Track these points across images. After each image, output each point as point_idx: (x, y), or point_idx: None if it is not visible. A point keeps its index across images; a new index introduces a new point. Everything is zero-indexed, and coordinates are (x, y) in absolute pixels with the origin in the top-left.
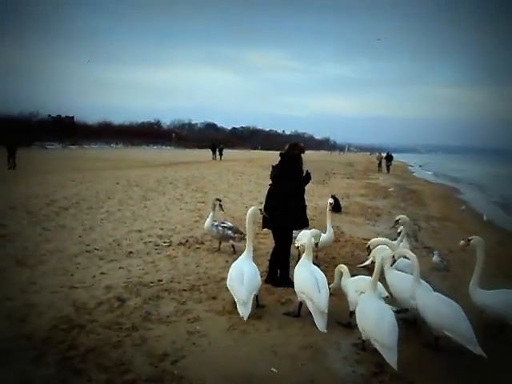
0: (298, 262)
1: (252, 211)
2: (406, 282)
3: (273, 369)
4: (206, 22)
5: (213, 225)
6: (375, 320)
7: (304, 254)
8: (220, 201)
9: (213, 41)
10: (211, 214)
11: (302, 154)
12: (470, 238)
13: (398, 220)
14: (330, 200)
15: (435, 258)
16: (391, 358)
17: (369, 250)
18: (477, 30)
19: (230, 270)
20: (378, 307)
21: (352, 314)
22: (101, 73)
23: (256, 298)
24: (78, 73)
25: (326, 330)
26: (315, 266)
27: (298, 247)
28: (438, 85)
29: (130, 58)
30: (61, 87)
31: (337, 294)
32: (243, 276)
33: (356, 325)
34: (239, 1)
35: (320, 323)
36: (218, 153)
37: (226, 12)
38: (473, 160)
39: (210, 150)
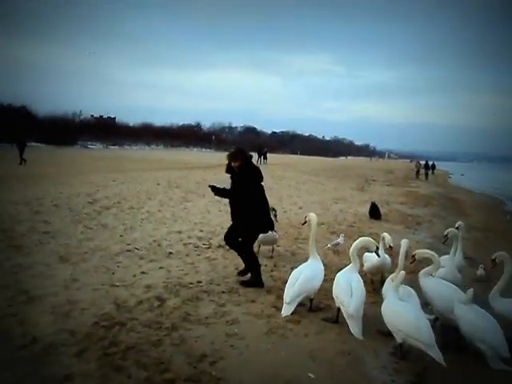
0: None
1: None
2: (442, 289)
3: (310, 374)
4: (247, 25)
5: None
6: (412, 318)
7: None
8: (275, 210)
9: (255, 44)
10: None
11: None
12: (493, 257)
13: (446, 235)
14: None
15: (480, 271)
16: (437, 355)
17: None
18: None
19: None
20: (410, 307)
21: None
22: (143, 75)
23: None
24: (121, 75)
25: (361, 337)
26: (356, 275)
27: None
28: (485, 93)
29: (172, 60)
30: (104, 88)
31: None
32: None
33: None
34: (282, 3)
35: (354, 329)
36: (262, 156)
37: (268, 14)
38: None
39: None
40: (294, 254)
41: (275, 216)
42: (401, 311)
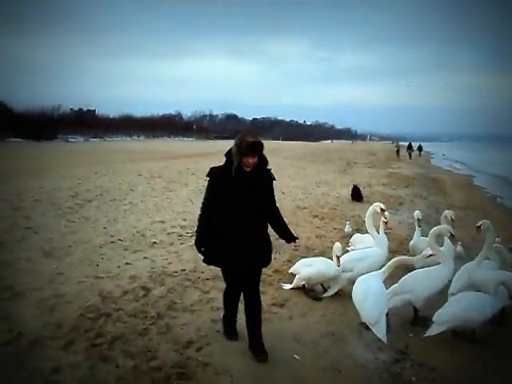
0: None
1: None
2: None
3: (295, 355)
4: (225, 11)
5: None
6: (360, 295)
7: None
8: None
9: (233, 31)
10: None
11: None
12: (478, 224)
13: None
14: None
15: (459, 248)
16: (378, 332)
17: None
18: (504, 15)
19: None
20: (367, 285)
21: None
22: (121, 66)
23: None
24: (98, 66)
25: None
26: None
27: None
28: (463, 72)
29: (149, 50)
30: (82, 81)
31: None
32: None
33: None
34: None
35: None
36: None
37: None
38: (498, 149)
39: (230, 141)
40: (277, 239)
41: None
42: (356, 287)
